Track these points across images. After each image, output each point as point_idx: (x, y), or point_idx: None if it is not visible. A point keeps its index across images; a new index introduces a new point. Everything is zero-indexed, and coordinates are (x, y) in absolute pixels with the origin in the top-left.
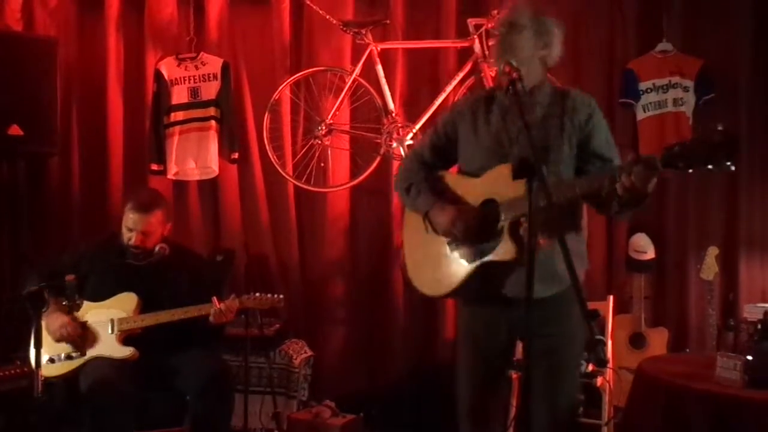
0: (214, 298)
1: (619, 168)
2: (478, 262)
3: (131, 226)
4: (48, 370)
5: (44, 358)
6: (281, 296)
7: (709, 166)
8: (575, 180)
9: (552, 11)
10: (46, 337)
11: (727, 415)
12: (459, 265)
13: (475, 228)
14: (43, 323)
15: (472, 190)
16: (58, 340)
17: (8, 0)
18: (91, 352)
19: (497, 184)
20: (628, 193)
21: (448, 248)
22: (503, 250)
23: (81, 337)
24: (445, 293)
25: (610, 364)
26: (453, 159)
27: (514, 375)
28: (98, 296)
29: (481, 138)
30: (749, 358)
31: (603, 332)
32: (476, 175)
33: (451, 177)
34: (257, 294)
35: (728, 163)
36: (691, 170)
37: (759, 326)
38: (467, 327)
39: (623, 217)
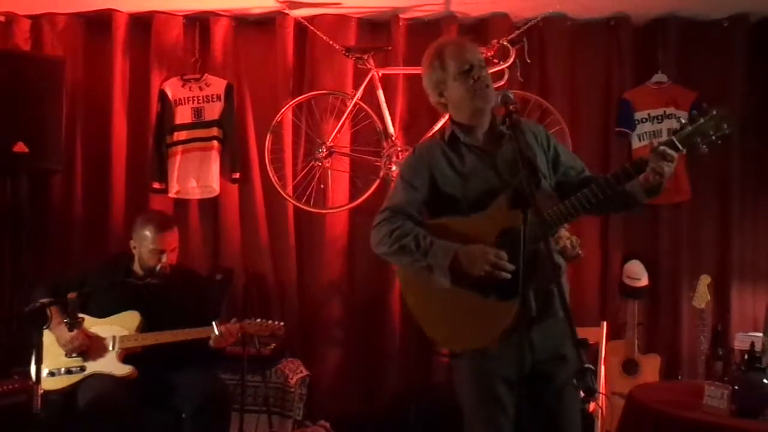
0: (215, 323)
1: (654, 152)
2: (527, 293)
3: (162, 246)
4: (47, 384)
5: (44, 371)
6: (282, 323)
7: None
8: (589, 189)
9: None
10: (48, 350)
11: None
12: (503, 305)
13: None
14: (54, 335)
15: (479, 226)
16: (68, 352)
17: (17, 20)
18: (91, 368)
19: (509, 213)
20: (660, 177)
21: (479, 295)
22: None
23: (89, 348)
24: (498, 337)
25: (601, 391)
26: (423, 210)
27: None
28: (101, 313)
29: (469, 176)
30: (736, 387)
31: (595, 360)
32: (468, 214)
33: (444, 222)
34: (258, 320)
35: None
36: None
37: (746, 356)
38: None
39: (641, 209)
